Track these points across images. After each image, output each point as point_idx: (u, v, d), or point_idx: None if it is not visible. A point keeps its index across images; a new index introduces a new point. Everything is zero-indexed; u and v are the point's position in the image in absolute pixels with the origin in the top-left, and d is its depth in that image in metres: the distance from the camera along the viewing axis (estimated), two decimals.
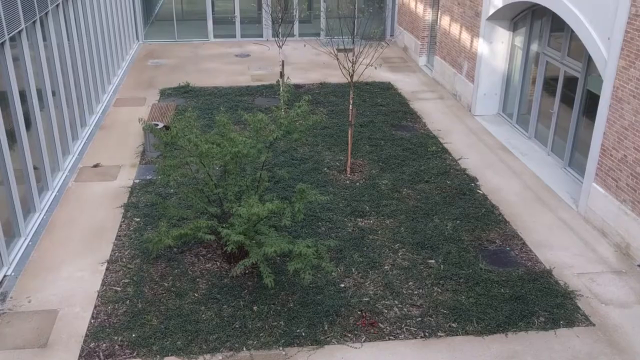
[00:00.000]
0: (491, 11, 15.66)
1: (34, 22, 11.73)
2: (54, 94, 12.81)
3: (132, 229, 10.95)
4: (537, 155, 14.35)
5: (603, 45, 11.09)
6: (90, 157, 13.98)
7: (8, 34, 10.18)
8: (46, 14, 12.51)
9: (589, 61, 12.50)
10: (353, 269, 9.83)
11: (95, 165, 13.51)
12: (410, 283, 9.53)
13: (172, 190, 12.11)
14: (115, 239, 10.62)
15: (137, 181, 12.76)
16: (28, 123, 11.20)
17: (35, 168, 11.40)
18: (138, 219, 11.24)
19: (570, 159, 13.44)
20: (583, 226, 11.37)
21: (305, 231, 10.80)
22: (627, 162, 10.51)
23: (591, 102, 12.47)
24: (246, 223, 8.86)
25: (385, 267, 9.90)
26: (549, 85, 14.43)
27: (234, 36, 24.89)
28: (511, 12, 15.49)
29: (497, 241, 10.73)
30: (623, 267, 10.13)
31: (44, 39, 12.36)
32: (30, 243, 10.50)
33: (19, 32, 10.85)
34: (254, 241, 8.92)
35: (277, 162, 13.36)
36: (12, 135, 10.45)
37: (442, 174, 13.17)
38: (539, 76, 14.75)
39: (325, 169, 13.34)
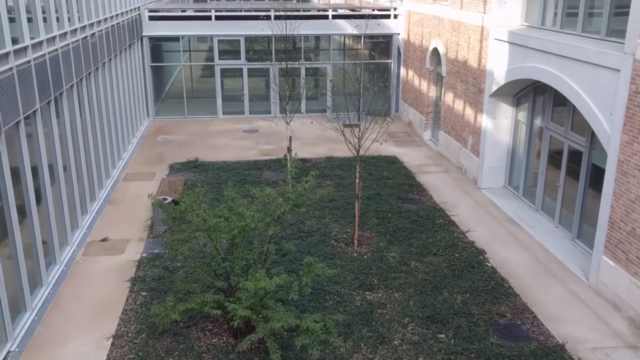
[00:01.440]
0: (494, 88, 16.06)
1: (49, 102, 12.10)
2: (65, 169, 13.04)
3: (138, 303, 10.86)
4: (545, 227, 14.32)
5: (605, 121, 11.29)
6: (98, 231, 14.06)
7: (23, 114, 10.49)
8: (61, 94, 12.92)
9: (592, 135, 12.69)
10: (362, 344, 9.65)
11: (103, 240, 13.56)
12: (421, 358, 9.32)
13: (179, 264, 12.08)
14: (122, 314, 10.52)
15: (144, 255, 12.76)
16: (39, 198, 11.36)
17: (44, 242, 11.46)
18: (145, 293, 11.17)
19: (579, 231, 13.40)
20: (595, 299, 11.20)
21: (313, 305, 10.68)
22: (636, 234, 10.47)
23: (597, 175, 12.57)
24: (253, 297, 8.80)
25: (395, 342, 9.71)
26: (554, 158, 14.59)
27: (242, 113, 25.47)
28: (513, 88, 15.88)
29: (507, 315, 10.56)
30: (638, 341, 9.90)
31: (57, 117, 12.71)
32: (35, 318, 10.41)
33: (34, 111, 11.18)
34: (260, 316, 8.83)
35: (285, 235, 13.37)
36: (22, 210, 10.57)
37: (450, 246, 13.12)
38: (544, 150, 14.94)
39: (333, 241, 13.33)
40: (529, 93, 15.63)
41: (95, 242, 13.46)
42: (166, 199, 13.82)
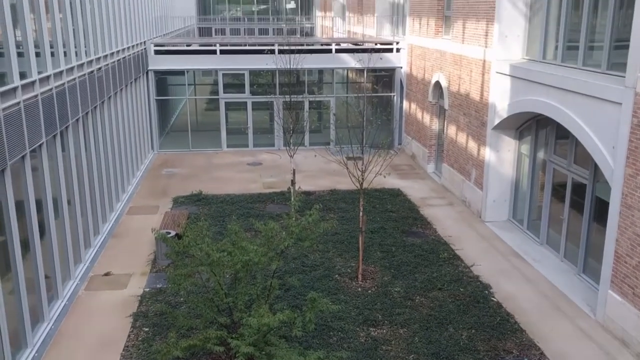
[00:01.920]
0: (496, 121, 16.12)
1: (55, 136, 12.18)
2: (69, 202, 13.06)
3: (140, 339, 10.75)
4: (550, 261, 14.22)
5: (608, 154, 11.30)
6: (101, 265, 14.01)
7: (29, 148, 10.55)
8: (66, 127, 13.02)
9: (595, 168, 12.67)
10: None
11: (106, 274, 13.50)
12: None
13: (181, 299, 12.00)
14: (123, 350, 10.42)
15: (147, 290, 12.68)
16: (42, 232, 11.35)
17: (46, 277, 11.41)
18: (147, 329, 11.07)
19: (584, 265, 13.29)
20: (602, 335, 11.05)
21: (316, 342, 10.55)
22: None
23: (601, 208, 12.52)
24: (256, 333, 8.71)
25: None
26: (558, 191, 14.56)
27: (246, 145, 25.59)
28: (516, 121, 15.94)
29: (514, 351, 10.41)
30: None
31: (63, 150, 12.79)
32: (36, 354, 10.29)
33: (40, 145, 11.25)
34: (264, 352, 8.73)
35: (288, 269, 13.30)
36: (26, 244, 10.55)
37: (455, 281, 13.02)
38: (547, 183, 14.92)
39: (337, 276, 13.25)
40: (532, 126, 15.68)
41: (98, 277, 13.40)
42: (169, 233, 13.79)
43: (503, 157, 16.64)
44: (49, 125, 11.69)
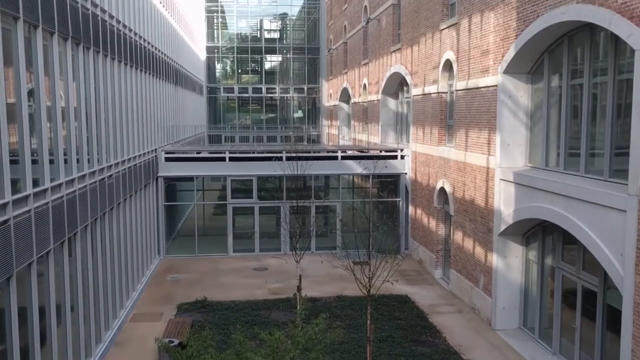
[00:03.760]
0: (502, 227, 16.14)
1: (62, 243, 12.23)
2: (72, 309, 12.89)
3: None
4: None
5: (617, 261, 11.20)
6: None
7: (37, 255, 10.58)
8: (75, 234, 13.10)
9: (605, 275, 12.51)
10: None
11: None
12: None
13: None
14: None
15: None
16: (43, 340, 11.13)
17: None
18: None
19: None
20: None
21: None
22: None
23: (614, 316, 12.22)
24: None
25: None
26: (568, 298, 14.30)
27: (252, 250, 25.53)
28: (522, 228, 15.95)
29: None
30: None
31: (70, 256, 12.80)
32: None
33: (47, 252, 11.28)
34: None
35: None
36: (25, 354, 10.31)
37: None
38: (557, 290, 14.68)
39: None
40: (538, 232, 15.67)
41: None
42: (172, 342, 13.50)
43: (511, 263, 16.50)
44: (57, 232, 11.78)
